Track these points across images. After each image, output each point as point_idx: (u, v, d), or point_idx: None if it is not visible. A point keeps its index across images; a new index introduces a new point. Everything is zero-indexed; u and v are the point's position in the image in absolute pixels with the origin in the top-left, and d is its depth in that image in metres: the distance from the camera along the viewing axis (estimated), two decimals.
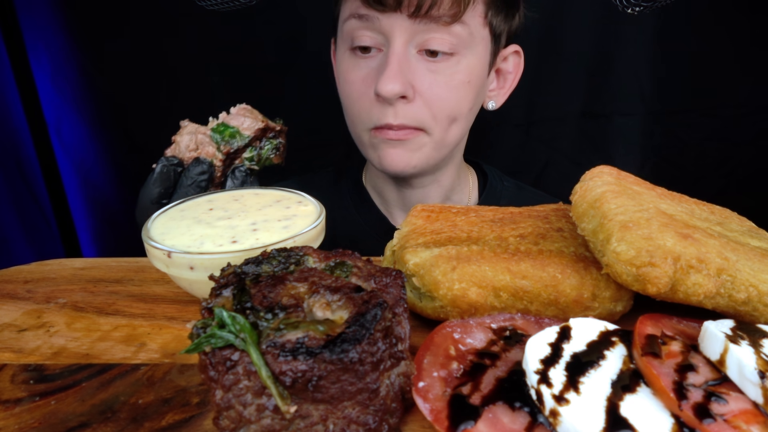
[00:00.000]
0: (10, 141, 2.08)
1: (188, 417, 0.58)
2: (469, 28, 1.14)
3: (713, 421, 0.47)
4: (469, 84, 1.18)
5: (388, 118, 1.15)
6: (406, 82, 1.12)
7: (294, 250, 0.62)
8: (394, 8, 1.09)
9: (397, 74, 1.11)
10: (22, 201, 2.16)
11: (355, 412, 0.50)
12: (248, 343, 0.48)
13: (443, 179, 1.36)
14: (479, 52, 1.18)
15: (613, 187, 0.70)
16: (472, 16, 1.14)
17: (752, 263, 0.64)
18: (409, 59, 1.13)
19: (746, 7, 1.75)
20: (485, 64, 1.22)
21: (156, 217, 0.82)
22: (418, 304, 0.71)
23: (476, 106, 1.26)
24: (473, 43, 1.16)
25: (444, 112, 1.18)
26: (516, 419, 0.51)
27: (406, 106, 1.15)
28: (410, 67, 1.13)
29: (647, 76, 1.87)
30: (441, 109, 1.17)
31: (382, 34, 1.13)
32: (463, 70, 1.16)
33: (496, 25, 1.20)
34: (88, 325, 0.76)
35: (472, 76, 1.18)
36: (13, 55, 2.03)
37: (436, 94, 1.15)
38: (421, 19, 1.09)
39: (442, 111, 1.17)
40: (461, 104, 1.20)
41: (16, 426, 0.57)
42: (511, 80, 1.32)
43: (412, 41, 1.12)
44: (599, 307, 0.68)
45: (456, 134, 1.24)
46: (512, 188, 1.46)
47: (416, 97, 1.15)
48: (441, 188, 1.37)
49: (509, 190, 1.45)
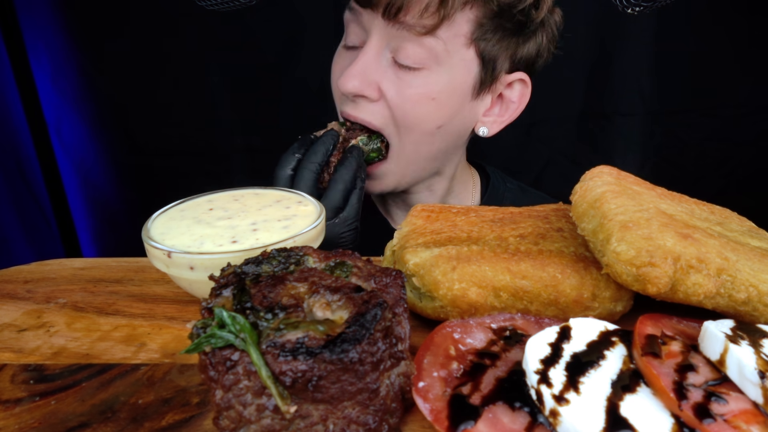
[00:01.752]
0: (10, 141, 2.09)
1: (188, 417, 0.58)
2: (444, 45, 1.10)
3: (713, 421, 0.47)
4: (433, 101, 1.14)
5: (348, 108, 1.18)
6: (369, 82, 1.13)
7: (294, 250, 0.62)
8: (369, 5, 1.10)
9: (358, 73, 1.12)
10: (22, 201, 2.16)
11: (355, 412, 0.50)
12: (248, 343, 0.48)
13: (435, 188, 1.36)
14: (455, 71, 1.14)
15: (613, 187, 0.70)
16: (452, 34, 1.10)
17: (752, 263, 0.64)
18: (381, 61, 1.14)
19: (745, 8, 1.75)
20: (464, 86, 1.17)
21: (156, 217, 0.82)
22: (418, 304, 0.71)
23: (451, 128, 1.21)
24: (448, 62, 1.12)
25: (406, 121, 1.16)
26: (516, 419, 0.51)
27: (368, 105, 1.16)
28: (379, 69, 1.14)
29: (647, 76, 1.87)
30: (402, 118, 1.16)
31: (365, 30, 1.14)
32: (430, 85, 1.13)
33: (486, 48, 1.14)
34: (88, 325, 0.76)
35: (439, 94, 1.14)
36: (13, 55, 2.03)
37: (399, 103, 1.14)
38: (394, 23, 1.08)
39: (403, 120, 1.16)
40: (424, 120, 1.16)
41: (16, 426, 0.57)
42: (512, 110, 1.26)
43: (388, 45, 1.13)
44: (599, 307, 0.68)
45: (423, 152, 1.21)
46: (515, 190, 1.45)
47: (381, 99, 1.15)
48: (433, 196, 1.37)
49: (512, 192, 1.45)
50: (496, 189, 1.44)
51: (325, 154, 1.12)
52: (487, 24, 1.12)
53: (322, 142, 1.13)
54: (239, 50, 1.92)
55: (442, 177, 1.34)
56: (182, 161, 2.10)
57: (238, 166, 2.08)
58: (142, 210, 0.99)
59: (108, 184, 2.25)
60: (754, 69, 1.81)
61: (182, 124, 2.07)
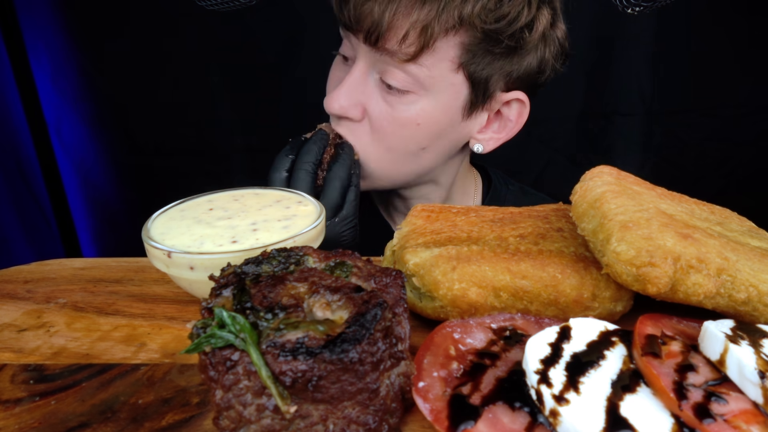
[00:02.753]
0: (10, 141, 2.09)
1: (188, 417, 0.58)
2: (428, 72, 1.07)
3: (713, 421, 0.47)
4: (418, 126, 1.13)
5: (333, 123, 1.19)
6: (355, 103, 1.13)
7: (294, 250, 0.62)
8: (352, 31, 1.09)
9: (343, 95, 1.12)
10: (22, 201, 2.16)
11: (355, 412, 0.50)
12: (248, 343, 0.48)
13: (432, 197, 1.35)
14: (443, 96, 1.12)
15: (613, 187, 0.70)
16: (436, 60, 1.07)
17: (752, 263, 0.64)
18: (368, 81, 1.13)
19: (745, 8, 1.75)
20: (453, 109, 1.14)
21: (156, 217, 0.82)
22: (418, 304, 0.71)
23: (439, 147, 1.19)
24: (434, 88, 1.10)
25: (384, 145, 1.15)
26: (516, 419, 0.51)
27: (352, 124, 1.16)
28: (366, 91, 1.13)
29: (647, 76, 1.87)
30: (382, 142, 1.15)
31: (354, 49, 1.14)
32: (416, 111, 1.12)
33: (476, 71, 1.10)
34: (88, 325, 0.76)
35: (424, 120, 1.12)
36: (13, 55, 2.03)
37: (382, 125, 1.13)
38: (377, 49, 1.07)
39: (382, 143, 1.15)
40: (407, 142, 1.15)
41: (16, 426, 0.57)
42: (509, 129, 1.23)
43: (374, 67, 1.12)
44: (599, 307, 0.68)
45: (403, 171, 1.21)
46: (516, 192, 1.45)
47: (364, 119, 1.15)
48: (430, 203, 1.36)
49: (513, 194, 1.44)
50: (498, 191, 1.43)
51: (318, 153, 1.11)
52: (474, 49, 1.08)
53: (314, 142, 1.12)
54: (239, 50, 1.92)
55: (438, 186, 1.33)
56: (182, 161, 2.10)
57: (238, 166, 2.08)
58: (142, 210, 1.00)
59: (108, 184, 2.25)
60: (754, 69, 1.81)
61: (182, 124, 2.07)
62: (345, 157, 1.12)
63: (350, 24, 1.08)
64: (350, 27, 1.09)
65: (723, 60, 1.81)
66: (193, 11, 1.42)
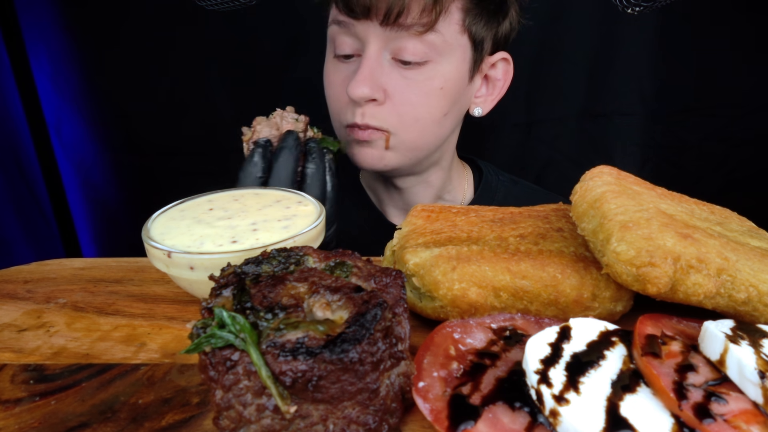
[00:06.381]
0: (10, 141, 2.09)
1: (188, 417, 0.58)
2: (443, 36, 1.14)
3: (713, 421, 0.47)
4: (442, 90, 1.19)
5: (356, 118, 1.19)
6: (377, 86, 1.15)
7: (294, 250, 0.62)
8: (365, 16, 1.12)
9: (366, 79, 1.14)
10: (22, 201, 2.16)
11: (355, 412, 0.50)
12: (248, 343, 0.48)
13: (432, 180, 1.37)
14: (455, 59, 1.18)
15: (613, 187, 0.70)
16: (447, 24, 1.14)
17: (752, 263, 0.64)
18: (383, 64, 1.16)
19: (746, 7, 1.75)
20: (463, 71, 1.21)
21: (156, 217, 0.82)
22: (418, 304, 0.71)
23: (455, 112, 1.26)
24: (448, 51, 1.16)
25: (410, 116, 1.18)
26: (516, 419, 0.51)
27: (375, 109, 1.17)
28: (383, 72, 1.16)
29: (647, 76, 1.87)
30: (408, 114, 1.18)
31: (359, 39, 1.16)
32: (437, 77, 1.17)
33: (476, 32, 1.19)
34: (88, 325, 0.76)
35: (446, 83, 1.18)
36: (13, 55, 2.03)
37: (407, 100, 1.17)
38: (392, 26, 1.11)
39: (409, 115, 1.18)
40: (433, 110, 1.20)
41: (16, 426, 0.57)
42: (499, 87, 1.32)
43: (386, 47, 1.15)
44: (599, 307, 0.68)
45: (429, 139, 1.25)
46: (507, 182, 1.48)
47: (387, 100, 1.17)
48: (430, 188, 1.38)
49: (504, 184, 1.47)
50: (489, 182, 1.46)
51: (295, 165, 1.05)
52: (473, 9, 1.16)
53: (289, 152, 1.06)
54: (239, 50, 1.92)
55: (438, 167, 1.36)
56: (182, 161, 2.10)
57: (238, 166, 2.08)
58: (142, 210, 0.99)
59: (108, 184, 2.25)
60: (754, 69, 1.81)
61: (182, 124, 2.06)
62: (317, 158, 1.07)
63: (362, 11, 1.11)
64: (362, 14, 1.11)
65: (723, 60, 1.81)
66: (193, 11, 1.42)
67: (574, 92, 1.91)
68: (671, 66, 1.84)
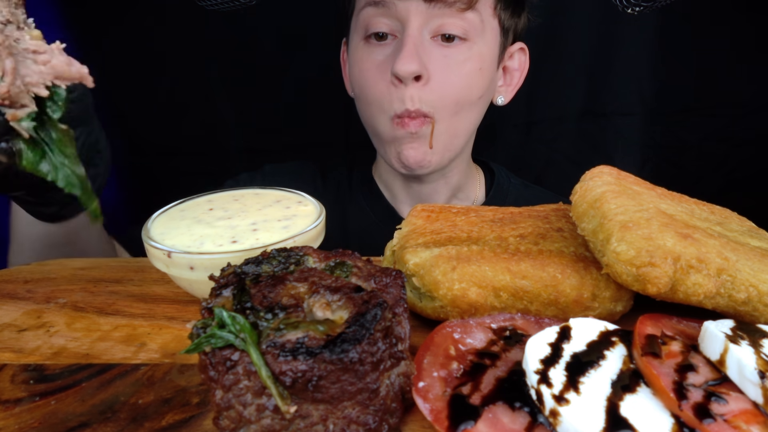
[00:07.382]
0: None
1: (188, 417, 0.58)
2: (480, 16, 1.17)
3: (713, 421, 0.47)
4: (480, 71, 1.21)
5: (406, 104, 1.16)
6: (422, 62, 1.14)
7: (294, 250, 0.62)
8: None
9: (413, 54, 1.13)
10: None
11: (355, 412, 0.50)
12: (248, 343, 0.48)
13: (452, 176, 1.36)
14: (490, 41, 1.22)
15: (613, 187, 0.70)
16: (484, 5, 1.18)
17: (752, 263, 0.64)
18: (424, 43, 1.16)
19: (746, 7, 1.75)
20: (495, 55, 1.25)
21: (156, 217, 0.82)
22: (418, 304, 0.71)
23: (486, 96, 1.27)
24: (484, 32, 1.20)
25: (452, 97, 1.19)
26: (516, 419, 0.51)
27: (421, 91, 1.16)
28: (425, 51, 1.16)
29: (647, 76, 1.87)
30: (450, 94, 1.19)
31: (398, 19, 1.16)
32: (476, 56, 1.19)
33: (504, 18, 1.23)
34: (88, 325, 0.76)
35: (483, 63, 1.21)
36: None
37: (448, 79, 1.17)
38: (436, 2, 1.13)
39: (450, 96, 1.19)
40: (471, 91, 1.21)
41: (16, 426, 0.57)
42: (517, 77, 1.35)
43: (426, 26, 1.16)
44: (599, 307, 0.68)
45: (466, 124, 1.26)
46: (519, 186, 1.48)
47: (429, 80, 1.17)
48: (449, 185, 1.38)
49: (516, 187, 1.47)
50: (501, 185, 1.46)
51: None
52: None
53: None
54: (239, 50, 1.92)
55: (459, 160, 1.35)
56: (182, 161, 2.10)
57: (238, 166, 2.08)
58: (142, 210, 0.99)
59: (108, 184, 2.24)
60: (754, 69, 1.80)
61: (182, 124, 2.06)
62: None
63: None
64: None
65: (723, 60, 1.81)
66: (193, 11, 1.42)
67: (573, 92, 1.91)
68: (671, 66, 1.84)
